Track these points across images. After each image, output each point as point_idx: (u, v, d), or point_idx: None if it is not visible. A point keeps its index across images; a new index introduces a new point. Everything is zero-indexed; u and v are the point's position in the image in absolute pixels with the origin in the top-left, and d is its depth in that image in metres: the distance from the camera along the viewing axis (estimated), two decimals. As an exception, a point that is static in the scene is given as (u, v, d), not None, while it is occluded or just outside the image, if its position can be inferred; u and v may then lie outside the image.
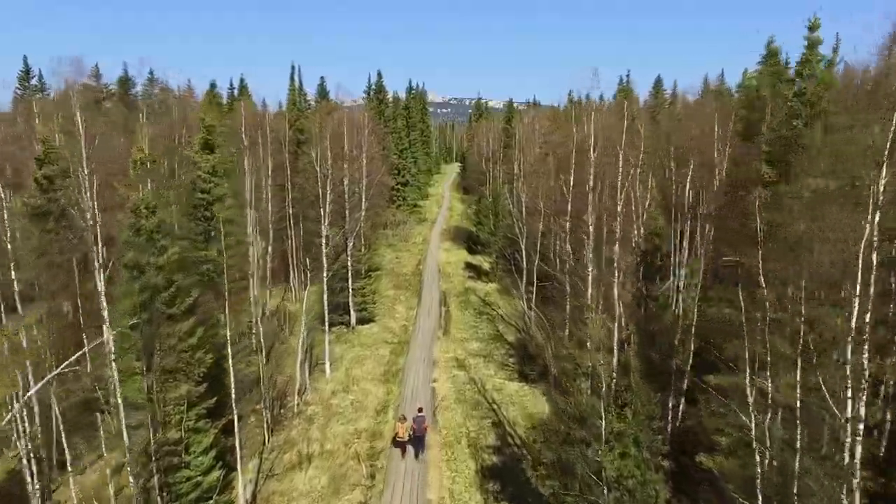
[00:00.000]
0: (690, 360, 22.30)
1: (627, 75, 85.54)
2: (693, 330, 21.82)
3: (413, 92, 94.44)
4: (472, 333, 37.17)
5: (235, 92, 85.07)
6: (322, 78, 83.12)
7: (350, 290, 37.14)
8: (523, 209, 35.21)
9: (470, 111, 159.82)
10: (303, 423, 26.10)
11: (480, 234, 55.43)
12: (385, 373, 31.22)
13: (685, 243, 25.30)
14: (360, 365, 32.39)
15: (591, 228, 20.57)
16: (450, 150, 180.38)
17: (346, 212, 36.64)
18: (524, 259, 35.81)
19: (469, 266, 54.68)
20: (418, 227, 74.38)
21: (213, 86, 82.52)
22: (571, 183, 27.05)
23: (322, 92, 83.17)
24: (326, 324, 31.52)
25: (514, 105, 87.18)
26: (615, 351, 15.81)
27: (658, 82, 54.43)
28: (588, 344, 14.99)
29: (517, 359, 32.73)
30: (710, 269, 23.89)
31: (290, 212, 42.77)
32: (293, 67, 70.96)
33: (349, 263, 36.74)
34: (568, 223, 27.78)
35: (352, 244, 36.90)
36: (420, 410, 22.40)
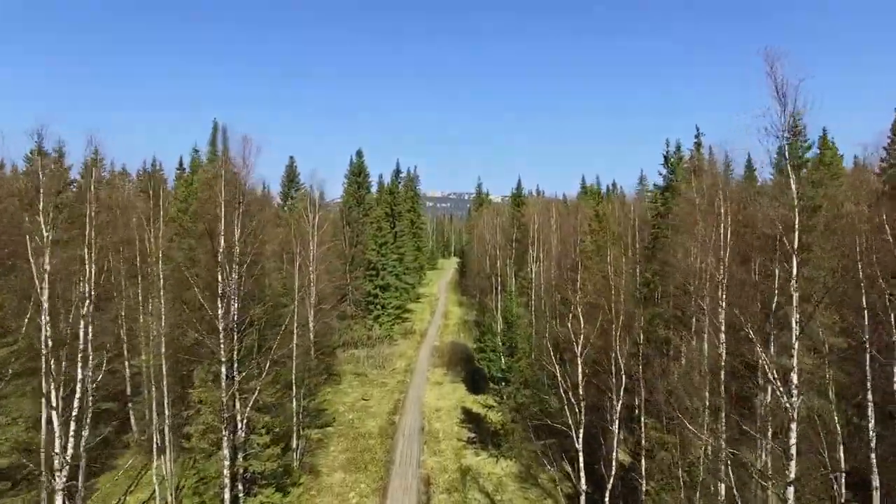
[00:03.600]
0: None
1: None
2: None
3: (402, 176, 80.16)
4: None
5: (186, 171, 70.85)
6: (291, 158, 69.08)
7: (233, 521, 18.71)
8: (579, 372, 17.30)
9: (469, 205, 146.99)
10: None
11: (487, 367, 37.40)
12: None
13: None
14: None
15: None
16: (448, 245, 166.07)
17: (233, 367, 19.14)
18: (579, 463, 17.74)
19: (469, 416, 36.35)
20: (402, 345, 56.41)
21: (154, 164, 68.39)
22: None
23: (291, 176, 68.99)
24: None
25: (522, 190, 71.90)
26: None
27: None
28: None
29: None
30: None
31: (163, 344, 25.18)
32: (216, 126, 54.72)
33: (227, 469, 18.60)
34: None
35: (242, 433, 19.03)
36: None
